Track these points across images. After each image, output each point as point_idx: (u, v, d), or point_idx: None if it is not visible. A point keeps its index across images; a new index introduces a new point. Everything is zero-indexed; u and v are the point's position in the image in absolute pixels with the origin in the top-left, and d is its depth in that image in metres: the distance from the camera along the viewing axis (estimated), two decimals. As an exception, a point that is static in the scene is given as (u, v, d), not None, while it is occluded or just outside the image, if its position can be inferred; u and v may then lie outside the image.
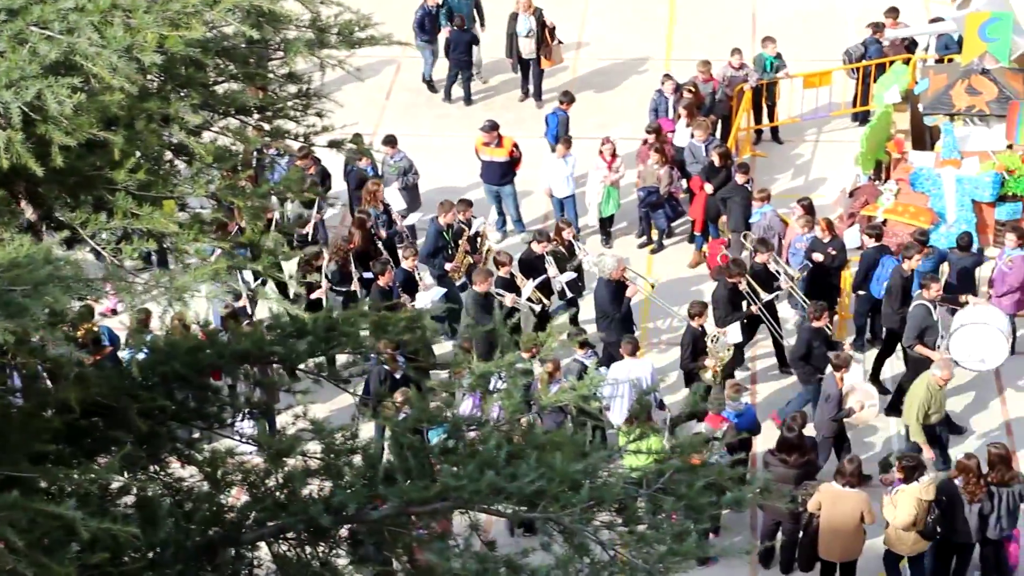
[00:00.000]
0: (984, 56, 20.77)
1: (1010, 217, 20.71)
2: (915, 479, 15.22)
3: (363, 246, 19.76)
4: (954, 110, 20.93)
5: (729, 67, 23.41)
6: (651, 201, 21.47)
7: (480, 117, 25.26)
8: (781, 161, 23.88)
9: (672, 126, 22.44)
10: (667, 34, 27.43)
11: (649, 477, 8.60)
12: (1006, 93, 20.68)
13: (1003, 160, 20.65)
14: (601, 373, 17.28)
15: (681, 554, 8.09)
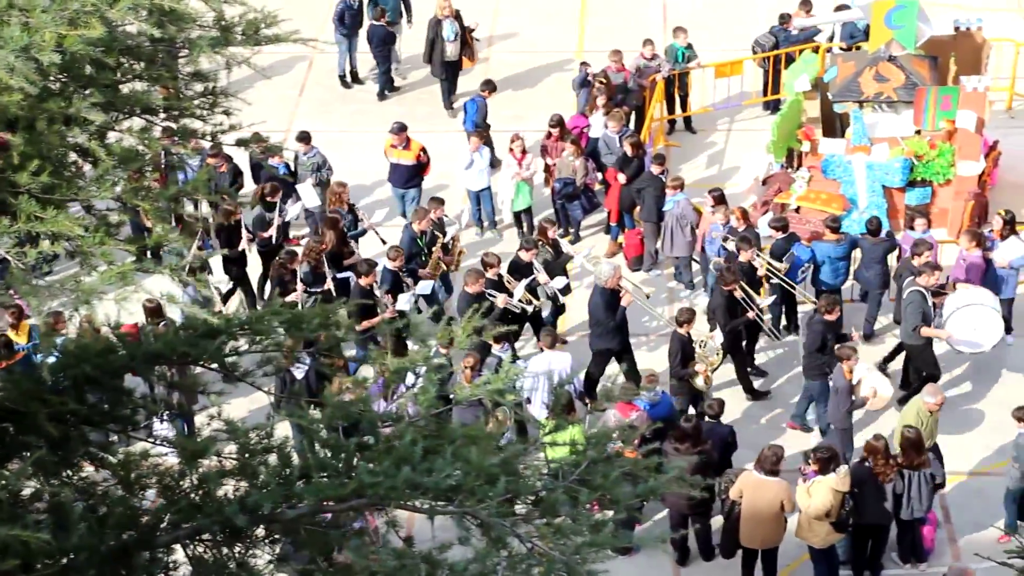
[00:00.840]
0: (891, 43, 21.02)
1: (920, 202, 20.99)
2: (830, 470, 15.32)
3: (336, 247, 19.61)
4: (863, 97, 21.17)
5: (641, 57, 23.53)
6: (567, 193, 21.53)
7: (394, 113, 25.24)
8: (694, 151, 24.05)
9: (585, 121, 22.50)
10: (579, 26, 27.53)
11: (565, 469, 8.60)
12: (913, 80, 20.93)
13: (912, 146, 20.91)
14: (518, 366, 17.27)
15: (598, 544, 8.10)
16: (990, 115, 21.97)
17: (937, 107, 20.66)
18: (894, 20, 20.72)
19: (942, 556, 16.66)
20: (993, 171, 21.93)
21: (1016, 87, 24.17)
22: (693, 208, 20.28)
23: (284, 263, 18.99)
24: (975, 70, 21.42)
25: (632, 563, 16.15)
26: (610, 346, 18.33)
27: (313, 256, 19.14)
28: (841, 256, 19.34)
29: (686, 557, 16.72)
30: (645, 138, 22.34)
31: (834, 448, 15.84)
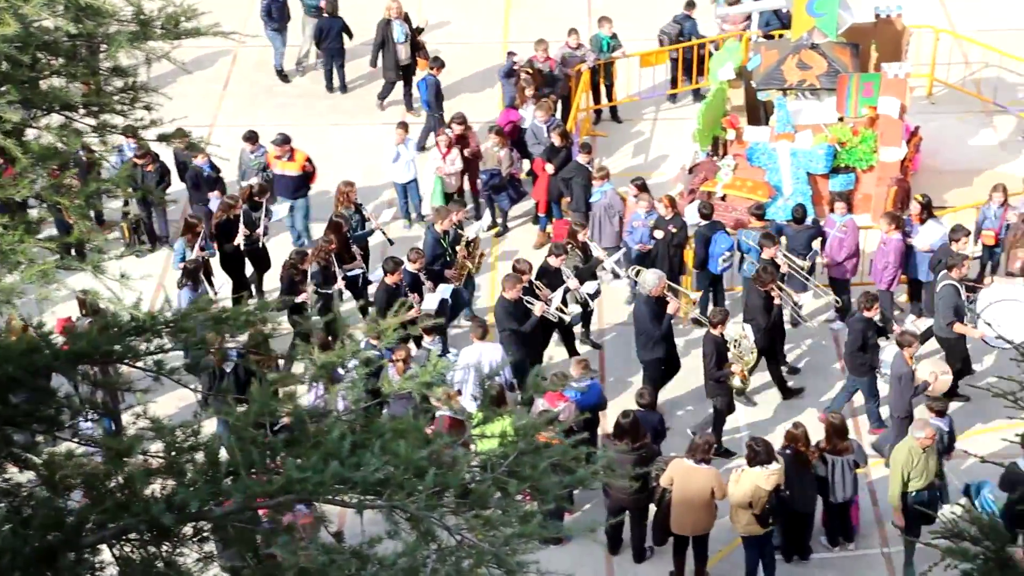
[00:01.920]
0: (813, 31, 21.16)
1: (843, 188, 21.16)
2: (759, 463, 15.38)
3: (339, 248, 19.40)
4: (786, 85, 21.30)
5: (566, 47, 23.56)
6: (494, 183, 21.54)
7: (321, 107, 25.15)
8: (621, 140, 24.12)
9: (517, 115, 22.49)
10: (504, 17, 27.53)
11: (494, 460, 8.61)
12: (835, 67, 21.10)
13: (835, 132, 21.09)
14: (448, 359, 17.26)
15: (527, 535, 8.12)
16: (911, 101, 22.19)
17: (859, 94, 20.86)
18: (816, 8, 20.85)
19: (870, 538, 16.84)
20: (915, 157, 22.19)
21: (936, 73, 24.45)
22: (620, 198, 20.35)
23: (295, 263, 18.81)
24: (895, 57, 21.61)
25: (564, 552, 16.19)
26: (659, 356, 17.99)
27: (323, 256, 18.98)
28: (766, 244, 19.47)
29: (618, 546, 16.77)
30: (572, 128, 22.39)
31: (769, 444, 15.79)
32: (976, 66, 24.98)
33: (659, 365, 18.13)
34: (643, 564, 16.67)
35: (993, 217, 19.69)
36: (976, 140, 23.47)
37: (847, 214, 19.51)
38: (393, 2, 23.96)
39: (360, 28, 25.24)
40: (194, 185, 21.17)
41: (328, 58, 25.24)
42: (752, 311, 18.34)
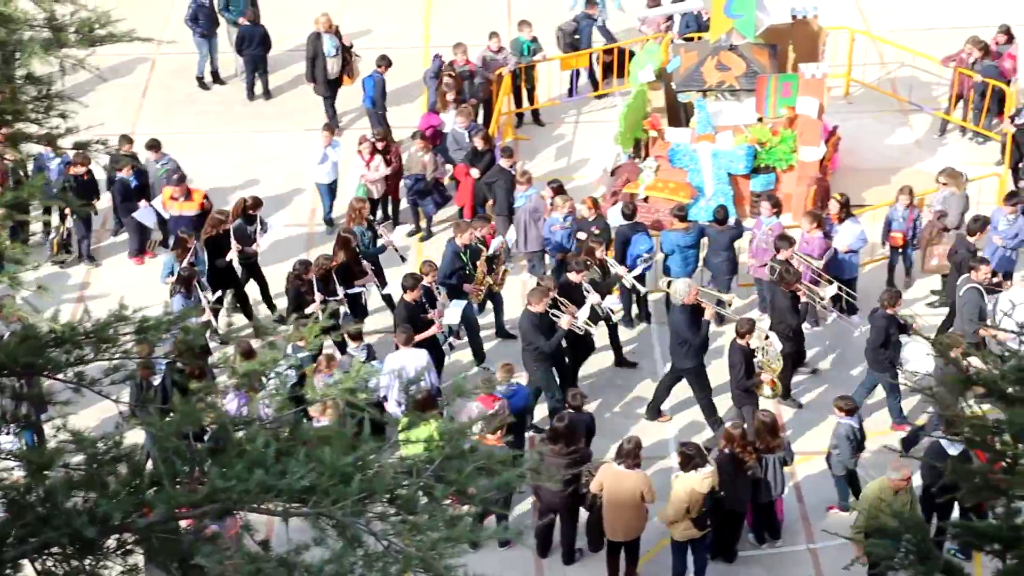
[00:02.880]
0: (731, 32, 21.32)
1: (764, 188, 21.33)
2: (691, 468, 15.40)
3: (348, 264, 19.18)
4: (706, 86, 21.44)
5: (487, 51, 23.58)
6: (419, 188, 21.50)
7: (244, 113, 25.00)
8: (544, 143, 24.16)
9: (438, 120, 22.47)
10: (424, 21, 27.50)
11: (420, 465, 8.60)
12: (754, 68, 21.26)
13: (755, 133, 21.25)
14: (374, 366, 17.18)
15: (454, 539, 8.12)
16: (829, 101, 22.43)
17: (778, 94, 21.06)
18: (733, 9, 21.01)
19: (796, 535, 16.97)
20: (833, 156, 22.42)
21: (852, 73, 24.72)
22: (544, 201, 20.36)
23: (299, 274, 18.61)
24: (812, 57, 21.83)
25: (493, 556, 16.19)
26: (697, 363, 17.91)
27: (322, 271, 18.77)
28: (690, 244, 19.58)
29: (547, 548, 16.77)
30: (494, 132, 22.41)
31: (700, 446, 15.86)
32: (892, 66, 25.29)
33: (702, 371, 18.02)
34: (573, 566, 16.66)
35: (901, 219, 19.94)
36: (893, 139, 23.76)
37: (774, 216, 19.64)
38: (322, 15, 23.83)
39: (281, 37, 25.17)
40: (122, 195, 20.91)
41: (250, 65, 25.08)
42: (781, 313, 18.25)
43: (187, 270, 18.73)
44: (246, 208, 20.03)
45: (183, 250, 19.15)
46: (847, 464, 16.67)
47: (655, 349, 19.67)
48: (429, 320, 18.16)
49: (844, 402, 16.58)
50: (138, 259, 21.43)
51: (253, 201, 20.17)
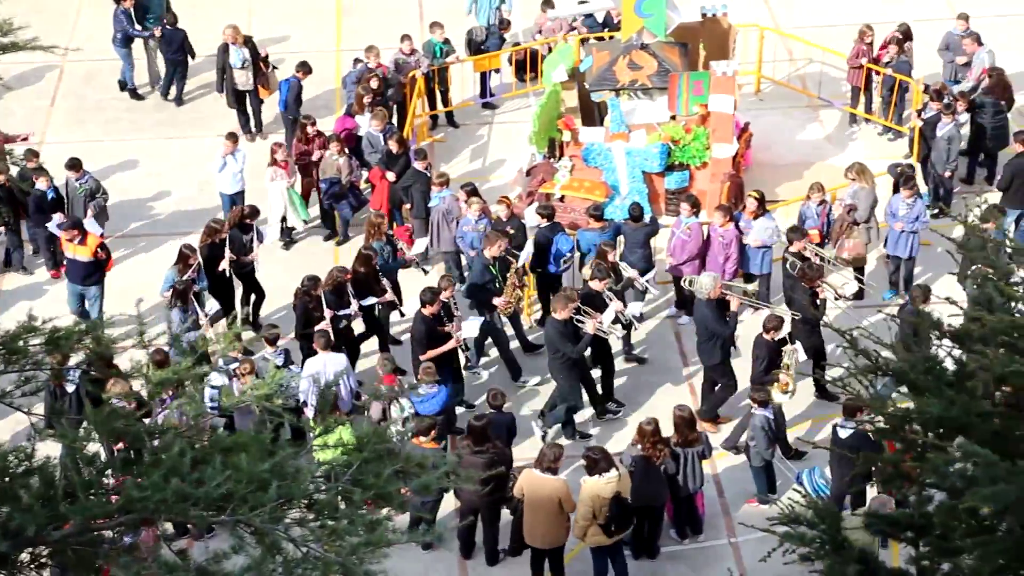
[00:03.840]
0: (642, 31, 21.44)
1: (679, 186, 21.49)
2: (597, 472, 15.36)
3: (366, 282, 18.91)
4: (618, 85, 21.54)
5: (400, 53, 23.54)
6: (334, 192, 21.41)
7: (155, 120, 24.77)
8: (459, 145, 24.16)
9: (353, 123, 22.40)
10: (335, 25, 27.39)
11: (338, 470, 8.58)
12: (665, 66, 21.40)
13: (668, 131, 21.39)
14: (290, 371, 17.13)
15: (374, 543, 8.11)
16: (740, 98, 22.61)
17: (690, 92, 21.21)
18: (644, 8, 21.12)
19: (717, 529, 17.09)
20: (746, 152, 22.62)
21: (763, 70, 24.95)
22: (458, 203, 20.36)
23: (308, 290, 18.29)
24: (723, 55, 22.02)
25: (416, 558, 16.19)
26: (724, 356, 17.92)
27: (335, 285, 18.50)
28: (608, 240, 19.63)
29: (470, 550, 16.77)
30: (408, 134, 22.37)
31: (605, 450, 15.82)
32: (801, 62, 25.55)
33: (724, 367, 18.06)
34: (497, 567, 16.67)
35: (815, 216, 20.15)
36: (804, 134, 24.01)
37: (693, 216, 19.76)
38: (228, 27, 23.65)
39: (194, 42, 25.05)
40: (37, 208, 20.62)
41: (170, 68, 24.91)
42: (801, 309, 18.14)
43: (183, 283, 18.48)
44: (243, 217, 19.81)
45: (184, 265, 18.86)
46: (764, 456, 16.82)
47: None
48: (446, 334, 17.96)
49: (759, 393, 16.72)
50: (55, 272, 21.13)
51: (250, 210, 19.95)
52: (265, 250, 20.54)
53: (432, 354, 17.67)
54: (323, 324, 18.05)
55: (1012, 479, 7.53)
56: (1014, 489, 7.45)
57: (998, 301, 8.37)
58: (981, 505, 7.67)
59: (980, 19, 24.50)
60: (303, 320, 18.28)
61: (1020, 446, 7.91)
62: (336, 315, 18.25)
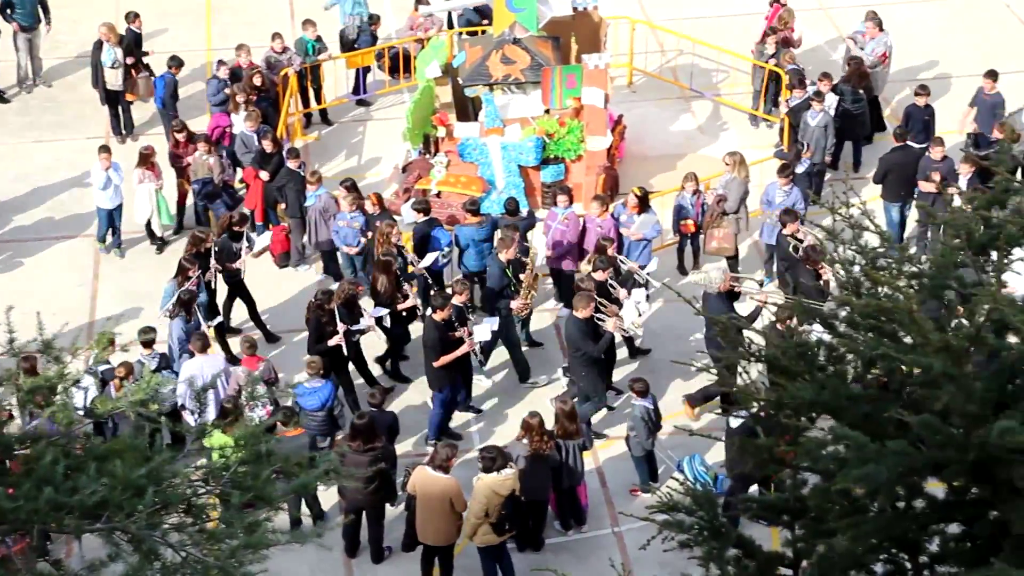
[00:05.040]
0: (514, 26, 21.49)
1: (555, 179, 21.58)
2: (494, 470, 15.42)
3: (389, 291, 18.57)
4: (492, 80, 21.57)
5: (272, 51, 23.36)
6: (208, 192, 21.17)
7: (21, 124, 24.35)
8: (334, 143, 24.03)
9: (227, 120, 22.18)
10: (205, 22, 27.08)
11: (216, 472, 8.51)
12: (538, 60, 21.48)
13: (542, 125, 21.47)
14: (165, 375, 16.89)
15: (253, 545, 8.06)
16: (613, 91, 22.79)
17: (563, 86, 21.32)
18: (515, 3, 21.16)
19: (601, 519, 17.22)
20: (620, 144, 22.79)
21: (635, 62, 25.16)
22: (335, 200, 20.25)
23: (321, 304, 17.88)
24: (595, 48, 22.15)
25: (301, 558, 16.08)
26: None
27: (346, 298, 18.15)
28: (484, 238, 19.67)
29: (356, 548, 16.73)
30: (282, 133, 22.21)
31: (501, 449, 15.88)
32: (672, 54, 25.79)
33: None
34: (383, 564, 16.66)
35: (689, 206, 20.38)
36: (677, 125, 24.25)
37: (569, 207, 19.86)
38: (103, 25, 23.27)
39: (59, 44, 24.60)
40: None
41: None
42: (806, 292, 18.03)
43: (187, 293, 18.11)
44: (231, 224, 19.45)
45: (183, 277, 18.45)
46: (644, 445, 16.99)
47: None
48: (459, 339, 17.76)
49: (638, 384, 16.87)
50: None
51: (240, 217, 19.60)
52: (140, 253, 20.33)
53: (446, 360, 17.55)
54: (336, 339, 17.82)
55: (882, 460, 7.68)
56: (884, 469, 7.61)
57: (866, 285, 8.53)
58: (853, 486, 7.82)
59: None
60: (316, 335, 17.96)
61: (890, 428, 8.06)
62: (349, 329, 18.03)
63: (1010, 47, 25.82)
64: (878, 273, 8.18)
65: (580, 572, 15.92)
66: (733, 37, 25.32)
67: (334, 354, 17.86)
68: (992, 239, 8.01)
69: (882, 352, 7.93)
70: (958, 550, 8.17)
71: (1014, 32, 26.42)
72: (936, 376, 7.62)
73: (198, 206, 21.56)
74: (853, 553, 8.32)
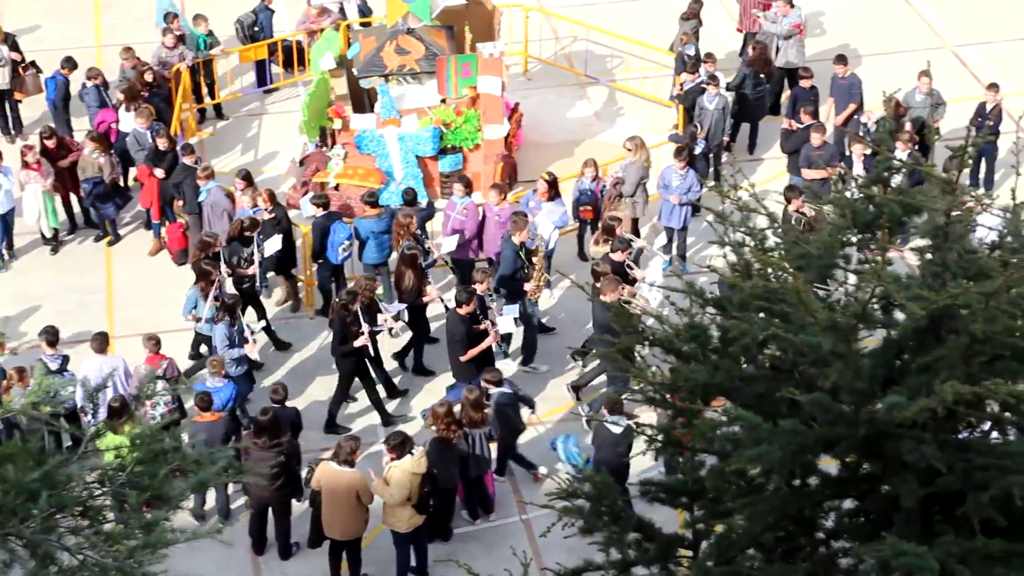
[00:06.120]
0: (407, 16, 21.47)
1: (452, 168, 21.59)
2: (408, 453, 15.43)
3: (416, 284, 18.48)
4: (387, 71, 21.51)
5: (163, 48, 23.10)
6: (98, 192, 20.89)
7: None
8: (230, 138, 23.84)
9: (113, 116, 21.92)
10: (94, 19, 26.72)
11: (111, 474, 8.41)
12: (433, 50, 21.46)
13: (439, 114, 21.47)
14: (64, 377, 16.67)
15: (151, 545, 7.99)
16: (509, 79, 22.83)
17: (458, 75, 21.32)
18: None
19: (508, 507, 17.27)
20: (517, 132, 22.84)
21: (529, 50, 25.21)
22: (226, 194, 20.06)
23: (345, 304, 17.55)
24: (489, 36, 22.18)
25: (206, 557, 15.94)
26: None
27: (368, 295, 17.89)
28: (383, 230, 19.61)
29: (263, 545, 16.64)
30: (176, 130, 21.98)
31: (404, 433, 15.89)
32: (566, 41, 25.89)
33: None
34: (291, 561, 16.59)
35: (589, 192, 20.48)
36: (573, 112, 24.35)
37: (467, 196, 19.86)
38: None
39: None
40: None
41: None
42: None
43: (232, 298, 17.82)
44: (243, 230, 19.06)
45: (207, 282, 18.08)
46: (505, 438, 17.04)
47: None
48: (484, 331, 17.66)
49: (492, 375, 16.91)
50: None
51: (251, 222, 19.18)
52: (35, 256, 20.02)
53: (473, 353, 17.51)
54: (363, 340, 17.63)
55: (775, 439, 7.79)
56: (777, 449, 7.72)
57: (756, 267, 8.63)
58: (747, 466, 7.93)
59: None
60: (341, 336, 17.72)
61: (782, 407, 8.18)
62: (372, 330, 17.88)
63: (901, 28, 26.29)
64: (767, 255, 8.28)
65: (489, 561, 15.93)
66: (626, 22, 25.46)
67: (357, 355, 17.77)
68: (876, 217, 8.16)
69: (773, 333, 8.03)
70: (852, 525, 8.31)
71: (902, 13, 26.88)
72: (825, 355, 7.74)
73: (88, 206, 21.24)
74: (750, 532, 8.43)
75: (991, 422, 8.32)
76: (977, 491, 7.70)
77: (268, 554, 16.68)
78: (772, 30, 23.46)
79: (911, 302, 7.69)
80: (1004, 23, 26.33)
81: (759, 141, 23.13)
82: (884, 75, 22.63)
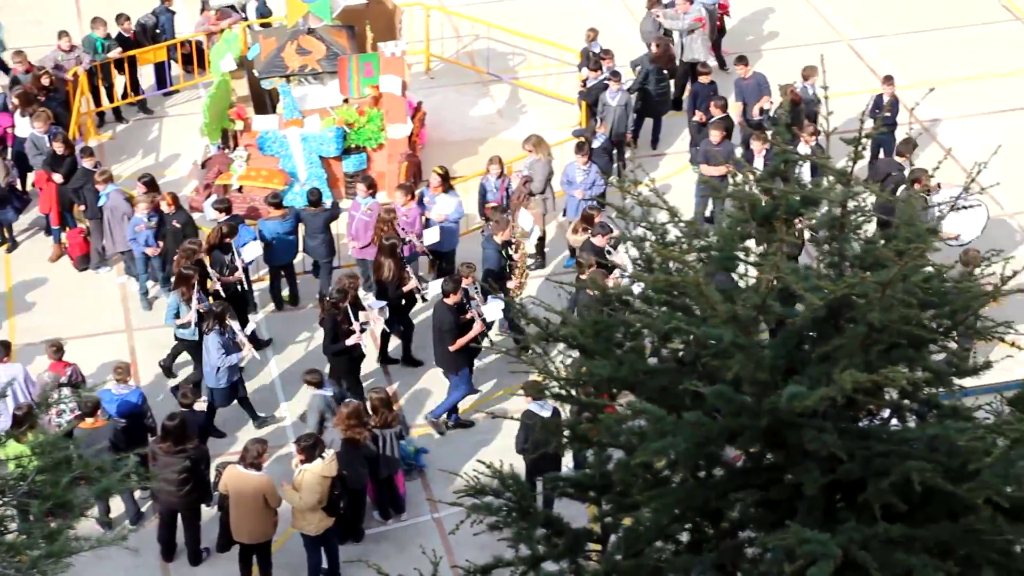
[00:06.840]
0: (308, 16, 21.40)
1: (357, 168, 21.55)
2: (316, 457, 15.35)
3: (396, 273, 18.44)
4: (288, 71, 21.44)
5: (59, 51, 22.81)
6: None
7: None
8: (130, 141, 23.58)
9: (9, 120, 21.62)
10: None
11: (12, 483, 8.31)
12: (334, 50, 21.40)
13: (342, 114, 21.41)
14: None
15: (55, 554, 7.90)
16: (411, 78, 22.81)
17: (360, 75, 21.31)
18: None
19: (419, 506, 17.26)
20: (421, 131, 22.82)
21: (431, 48, 25.22)
22: (126, 198, 19.83)
23: (336, 303, 17.33)
24: (390, 35, 22.17)
25: (115, 565, 15.84)
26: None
27: (353, 291, 17.67)
28: (288, 231, 19.54)
29: (172, 551, 16.51)
30: (75, 133, 21.70)
31: (315, 435, 15.83)
32: (468, 39, 25.92)
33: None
34: (200, 567, 16.47)
35: (494, 189, 20.53)
36: (476, 110, 24.39)
37: (370, 196, 19.80)
38: None
39: None
40: None
41: None
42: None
43: (220, 305, 17.49)
44: (223, 236, 18.74)
45: (188, 287, 17.72)
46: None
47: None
48: (470, 320, 17.59)
49: (312, 375, 16.86)
50: None
51: (229, 228, 18.86)
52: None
53: (462, 343, 17.48)
54: (355, 338, 17.48)
55: (679, 431, 7.85)
56: (682, 441, 7.78)
57: (657, 261, 8.70)
58: (653, 459, 7.98)
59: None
60: (333, 334, 17.53)
61: (686, 399, 8.24)
62: (363, 327, 17.77)
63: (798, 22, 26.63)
64: (667, 249, 8.36)
65: (401, 560, 15.90)
66: (527, 20, 25.54)
67: (349, 353, 17.66)
68: (774, 210, 8.26)
69: (675, 326, 8.10)
70: (757, 515, 8.38)
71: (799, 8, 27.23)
72: (726, 346, 7.82)
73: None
74: (658, 524, 8.48)
75: (890, 409, 8.45)
76: (877, 477, 7.81)
77: (178, 560, 16.54)
78: (674, 26, 23.66)
79: (809, 293, 7.79)
80: (899, 17, 26.77)
81: (662, 136, 23.32)
82: (781, 70, 22.93)
